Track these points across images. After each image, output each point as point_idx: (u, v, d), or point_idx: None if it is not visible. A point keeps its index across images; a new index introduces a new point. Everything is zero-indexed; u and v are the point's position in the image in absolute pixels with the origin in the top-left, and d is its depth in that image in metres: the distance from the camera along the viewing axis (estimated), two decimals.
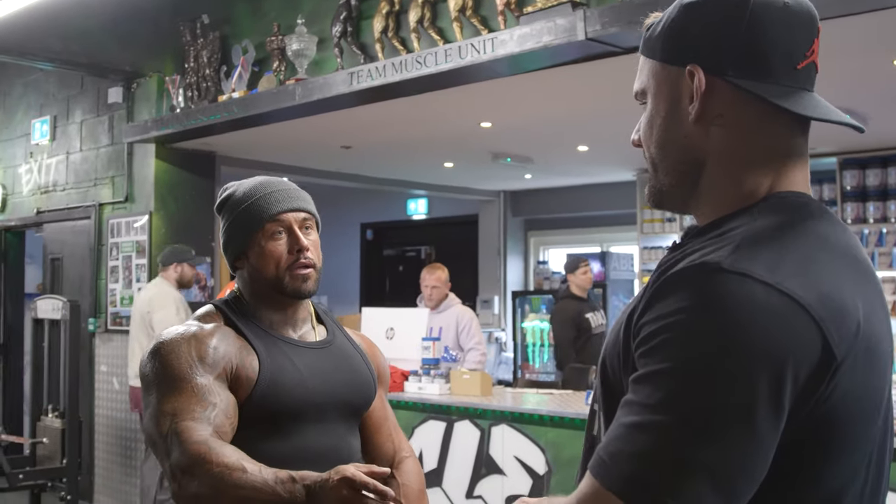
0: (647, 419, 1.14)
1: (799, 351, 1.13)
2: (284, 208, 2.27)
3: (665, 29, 1.34)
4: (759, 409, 1.11)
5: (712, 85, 1.29)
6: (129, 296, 7.92)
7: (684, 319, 1.14)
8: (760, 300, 1.13)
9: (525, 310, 10.15)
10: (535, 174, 10.00)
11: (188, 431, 2.00)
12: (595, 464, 1.18)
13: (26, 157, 9.37)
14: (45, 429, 8.06)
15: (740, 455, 1.11)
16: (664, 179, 1.38)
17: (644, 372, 1.17)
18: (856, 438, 1.22)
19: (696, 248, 1.25)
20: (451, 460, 5.49)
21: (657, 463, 1.12)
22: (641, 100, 1.41)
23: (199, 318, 2.27)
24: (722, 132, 1.31)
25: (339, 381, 2.29)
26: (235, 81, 6.81)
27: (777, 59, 1.29)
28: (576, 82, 5.54)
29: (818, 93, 1.35)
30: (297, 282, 2.25)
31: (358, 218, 13.43)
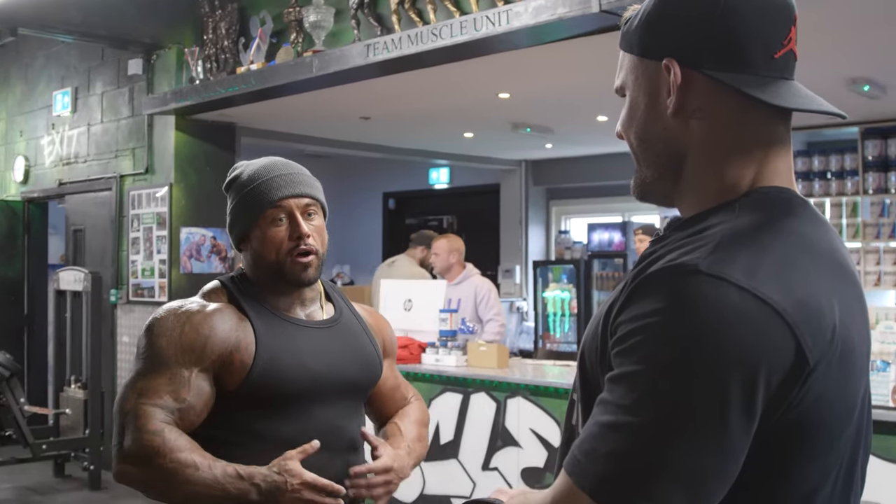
0: (620, 420, 1.15)
1: (772, 356, 1.13)
2: (286, 194, 2.25)
3: (642, 22, 1.33)
4: (732, 412, 1.12)
5: (689, 78, 1.29)
6: (150, 267, 7.97)
7: (659, 321, 1.15)
8: (735, 304, 1.13)
9: (547, 279, 10.17)
10: (556, 144, 9.96)
11: (146, 417, 2.06)
12: (570, 461, 1.19)
13: (48, 129, 9.42)
14: (68, 399, 8.17)
15: (712, 458, 1.12)
16: (646, 172, 1.38)
17: (619, 372, 1.18)
18: (829, 441, 1.23)
19: (677, 245, 1.25)
20: (468, 432, 5.51)
21: (629, 464, 1.13)
22: (622, 94, 1.40)
23: (204, 295, 2.29)
24: (701, 125, 1.30)
25: (343, 360, 2.29)
26: (253, 53, 6.81)
27: (753, 49, 1.27)
28: (592, 53, 5.49)
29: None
30: (296, 270, 2.24)
31: (380, 187, 13.44)
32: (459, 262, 7.14)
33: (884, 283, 7.91)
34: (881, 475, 3.95)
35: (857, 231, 8.04)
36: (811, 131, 8.31)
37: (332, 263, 12.44)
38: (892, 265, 7.88)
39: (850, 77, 6.18)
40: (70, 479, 8.08)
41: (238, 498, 2.06)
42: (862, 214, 8.05)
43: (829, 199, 8.23)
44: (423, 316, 6.28)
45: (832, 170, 8.24)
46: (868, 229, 8.00)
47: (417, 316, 6.36)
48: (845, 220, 8.13)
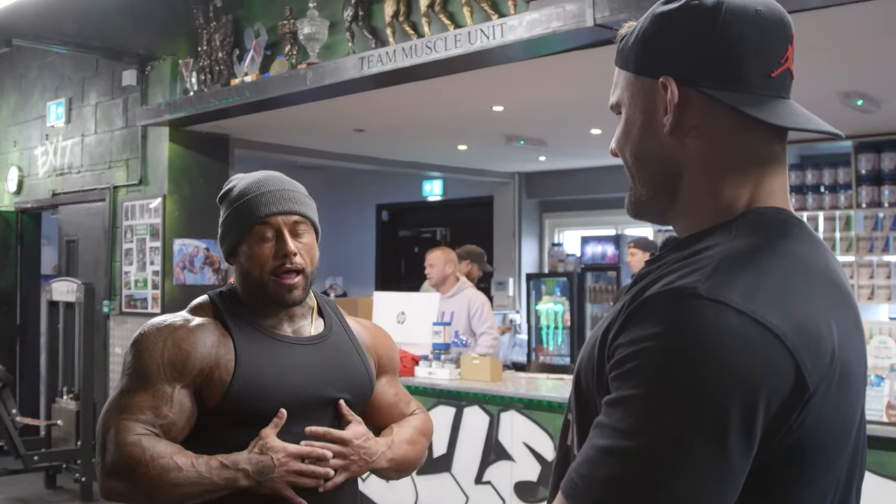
0: (617, 444, 1.13)
1: (772, 380, 1.12)
2: (274, 210, 2.22)
3: (638, 40, 1.32)
4: (731, 437, 1.10)
5: (686, 96, 1.28)
6: (144, 278, 7.96)
7: (658, 346, 1.14)
8: (735, 329, 1.12)
9: (540, 291, 10.17)
10: (550, 156, 9.97)
11: (125, 432, 2.08)
12: (567, 484, 1.17)
13: (42, 139, 9.42)
14: (60, 411, 8.14)
15: (711, 483, 1.11)
16: (641, 190, 1.37)
17: (618, 396, 1.16)
18: (827, 463, 1.22)
19: (674, 267, 1.24)
20: (461, 446, 5.51)
21: (627, 489, 1.11)
22: (617, 111, 1.39)
23: (191, 310, 2.29)
24: (697, 143, 1.29)
25: (328, 378, 2.26)
26: (248, 65, 6.82)
27: (750, 68, 1.26)
28: (586, 67, 5.51)
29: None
30: (281, 290, 2.22)
31: (373, 199, 13.44)
32: (454, 275, 7.14)
33: (877, 296, 7.92)
34: (875, 491, 3.94)
35: (851, 245, 8.06)
36: (805, 145, 8.33)
37: (325, 275, 12.43)
38: (885, 279, 7.90)
39: (844, 91, 6.20)
40: (62, 490, 8.05)
41: (228, 487, 2.08)
42: (855, 228, 8.07)
43: (822, 213, 8.25)
44: (417, 329, 6.28)
45: (825, 183, 8.26)
46: (861, 243, 8.02)
47: (411, 329, 6.36)
48: (839, 233, 8.15)
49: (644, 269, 1.33)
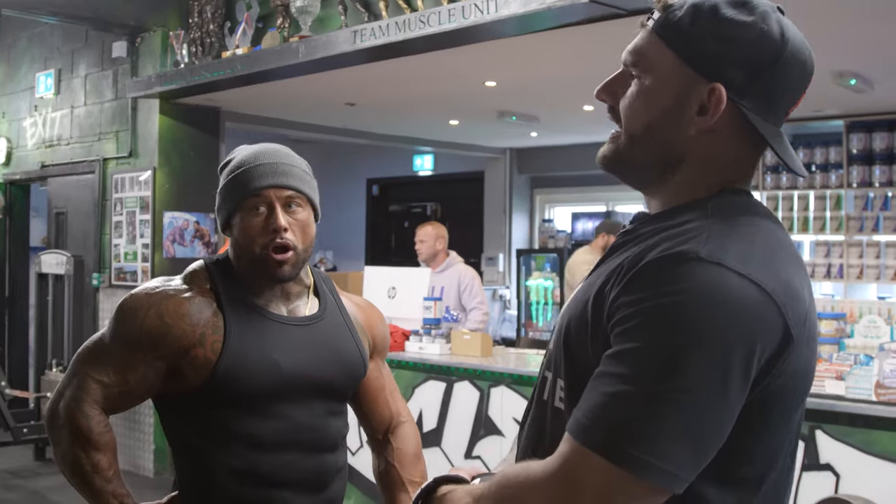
0: (631, 388, 1.26)
1: (765, 332, 1.29)
2: (266, 184, 2.17)
3: (700, 35, 1.40)
4: (732, 381, 1.26)
5: (725, 105, 1.40)
6: (133, 251, 7.94)
7: (667, 302, 1.27)
8: (734, 287, 1.28)
9: (530, 267, 10.18)
10: (541, 132, 9.95)
11: (86, 399, 2.14)
12: (577, 428, 1.29)
13: (31, 111, 9.36)
14: (50, 383, 8.15)
15: (713, 420, 1.27)
16: (638, 154, 1.47)
17: (626, 347, 1.29)
18: (791, 412, 1.41)
19: (662, 236, 1.37)
20: (451, 420, 5.52)
21: (643, 427, 1.25)
22: (632, 66, 1.47)
23: (185, 277, 2.25)
24: (710, 142, 1.43)
25: (320, 361, 2.23)
26: (239, 38, 6.78)
27: (781, 104, 1.44)
28: (580, 43, 5.49)
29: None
30: (271, 265, 2.18)
31: (364, 173, 13.41)
32: (444, 250, 7.13)
33: (866, 276, 7.95)
34: (864, 469, 3.97)
35: (841, 224, 8.08)
36: (796, 124, 8.33)
37: (316, 249, 12.33)
38: (874, 259, 7.92)
39: (837, 70, 6.19)
40: (51, 462, 8.05)
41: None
42: (846, 208, 8.09)
43: (812, 192, 8.26)
44: (407, 304, 6.28)
45: (817, 162, 8.27)
46: (851, 223, 8.04)
47: (401, 303, 6.36)
48: (829, 212, 8.17)
49: (620, 239, 1.49)
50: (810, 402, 4.47)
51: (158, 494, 2.32)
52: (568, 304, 1.50)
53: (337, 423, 2.30)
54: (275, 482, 2.17)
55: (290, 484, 2.18)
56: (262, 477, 2.15)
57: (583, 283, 1.50)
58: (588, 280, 1.47)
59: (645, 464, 1.23)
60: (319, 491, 2.24)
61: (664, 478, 1.24)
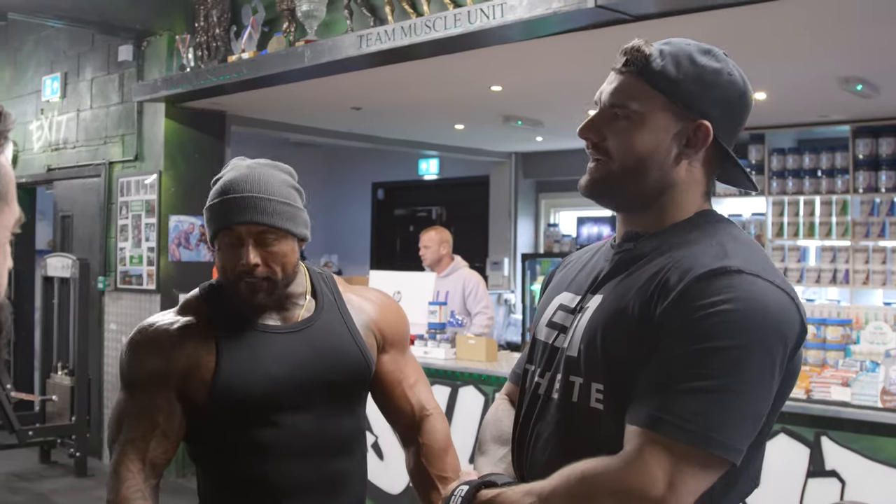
0: (702, 384, 1.47)
1: (792, 329, 1.56)
2: (237, 220, 2.14)
3: (684, 80, 1.65)
4: (776, 371, 1.53)
5: (710, 141, 1.67)
6: (139, 255, 7.94)
7: (726, 309, 1.49)
8: (770, 293, 1.53)
9: (535, 272, 10.17)
10: (547, 137, 9.94)
11: (123, 461, 2.14)
12: (653, 422, 1.48)
13: (37, 114, 9.37)
14: (55, 386, 8.15)
15: (764, 405, 1.53)
16: (630, 183, 1.68)
17: (692, 349, 1.49)
18: (784, 397, 1.63)
19: (675, 253, 1.61)
20: (456, 425, 5.51)
21: (720, 415, 1.46)
22: (619, 108, 1.67)
23: (179, 309, 2.29)
24: (693, 171, 1.70)
25: (314, 364, 2.22)
26: (245, 42, 6.79)
27: (737, 133, 1.74)
28: (586, 48, 5.49)
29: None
30: (244, 299, 2.19)
31: (369, 177, 13.40)
32: (448, 255, 7.13)
33: (872, 282, 7.92)
34: (869, 476, 3.96)
35: (847, 230, 8.05)
36: (802, 129, 8.32)
37: (321, 252, 12.42)
38: (880, 264, 7.89)
39: (843, 76, 6.18)
40: (56, 465, 8.07)
41: None
42: (852, 213, 8.06)
43: (818, 198, 8.24)
44: (412, 308, 6.26)
45: (822, 168, 8.24)
46: (857, 228, 8.01)
47: (406, 308, 6.30)
48: (835, 218, 8.14)
49: (622, 256, 1.71)
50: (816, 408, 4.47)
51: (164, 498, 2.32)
52: (593, 316, 1.66)
53: (346, 423, 2.29)
54: (284, 490, 2.18)
55: (301, 491, 2.19)
56: (272, 485, 2.17)
57: (597, 294, 1.70)
58: (613, 290, 1.66)
59: (723, 444, 1.46)
60: (332, 497, 2.24)
61: (735, 453, 1.48)
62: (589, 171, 1.74)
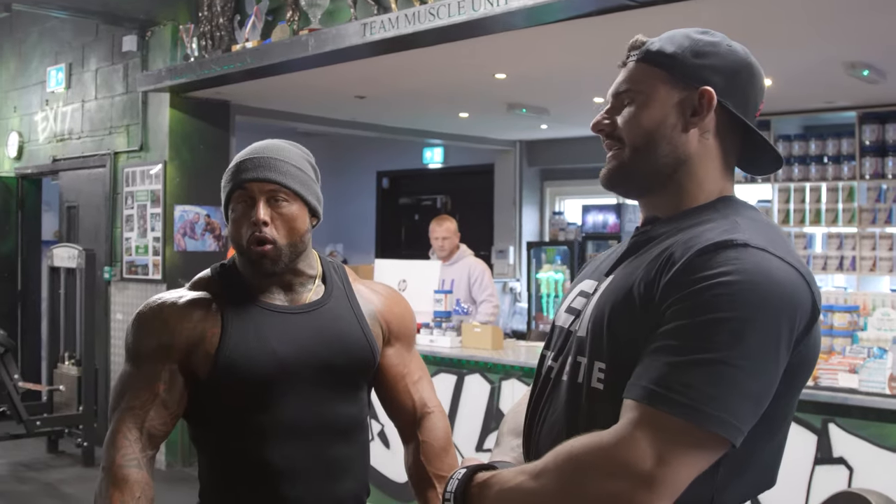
0: (700, 357, 1.41)
1: (802, 307, 1.49)
2: (249, 177, 2.19)
3: (682, 53, 1.66)
4: (781, 349, 1.46)
5: (714, 106, 1.64)
6: (144, 245, 7.95)
7: (725, 281, 1.44)
8: (778, 268, 1.48)
9: (540, 260, 10.17)
10: (551, 125, 9.93)
11: (121, 429, 2.14)
12: (647, 395, 1.43)
13: (42, 105, 9.38)
14: (62, 376, 8.17)
15: (767, 383, 1.45)
16: (641, 163, 1.67)
17: (690, 321, 1.44)
18: (802, 382, 1.59)
19: (686, 233, 1.56)
20: (462, 413, 5.52)
21: (717, 389, 1.40)
22: (625, 93, 1.69)
23: (190, 285, 2.31)
24: (704, 143, 1.66)
25: (319, 346, 2.23)
26: (249, 31, 6.78)
27: (751, 105, 1.70)
28: (591, 35, 5.48)
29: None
30: (253, 256, 2.20)
31: (374, 166, 13.39)
32: (456, 244, 7.14)
33: (879, 268, 7.90)
34: (877, 462, 3.96)
35: (853, 216, 8.03)
36: (808, 115, 8.29)
37: (326, 241, 12.43)
38: (887, 251, 7.87)
39: (850, 61, 6.16)
40: (63, 455, 8.09)
41: None
42: (858, 199, 8.04)
43: (825, 184, 8.21)
44: (418, 296, 6.27)
45: (829, 154, 8.22)
46: (864, 214, 7.99)
47: (412, 296, 6.32)
48: (841, 204, 8.12)
49: (638, 238, 1.69)
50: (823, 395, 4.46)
51: (170, 486, 2.33)
52: (601, 295, 1.64)
53: (348, 410, 2.29)
54: (283, 473, 2.18)
55: (300, 474, 2.19)
56: (271, 468, 2.18)
57: (610, 277, 1.67)
58: (622, 272, 1.63)
59: (718, 419, 1.39)
60: (332, 482, 2.24)
61: (732, 431, 1.40)
62: (606, 162, 1.71)
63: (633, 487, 1.39)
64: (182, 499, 3.73)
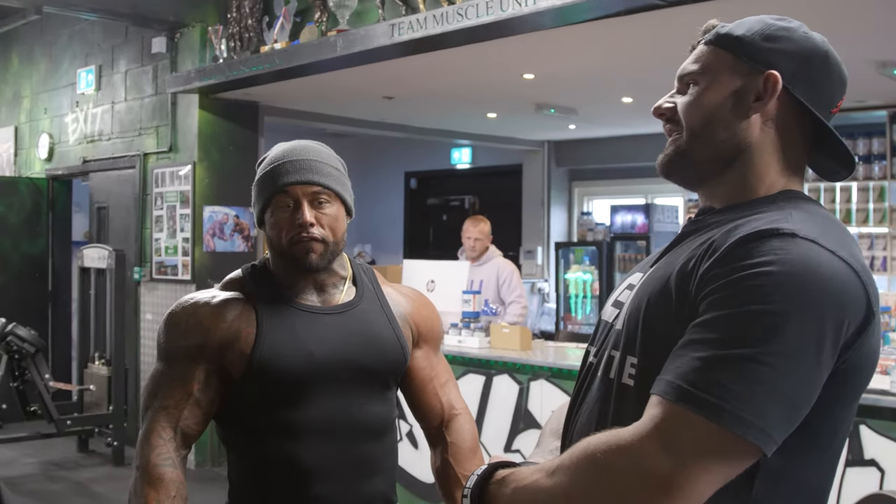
0: (730, 352, 1.30)
1: (853, 306, 1.36)
2: (292, 181, 2.21)
3: (752, 36, 1.56)
4: (824, 350, 1.32)
5: (779, 93, 1.53)
6: (174, 245, 7.99)
7: (766, 271, 1.33)
8: (828, 262, 1.35)
9: (568, 260, 10.14)
10: (580, 125, 9.91)
11: (155, 429, 2.16)
12: (672, 391, 1.32)
13: (72, 107, 9.45)
14: (92, 376, 8.23)
15: (806, 386, 1.32)
16: (699, 148, 1.58)
17: (724, 313, 1.34)
18: (859, 389, 1.46)
19: (734, 223, 1.44)
20: (490, 414, 5.51)
21: (744, 388, 1.28)
22: (691, 80, 1.60)
23: (222, 285, 2.32)
24: (767, 132, 1.55)
25: (352, 346, 2.24)
26: (277, 32, 6.80)
27: (825, 97, 1.56)
28: (619, 35, 5.46)
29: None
30: (300, 257, 2.22)
31: (402, 167, 13.40)
32: (486, 245, 7.13)
33: None
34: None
35: (884, 216, 7.97)
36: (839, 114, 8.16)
37: (354, 242, 12.44)
38: None
39: (881, 60, 6.11)
40: (94, 454, 8.15)
41: None
42: (889, 199, 7.97)
43: (856, 184, 8.15)
44: (446, 297, 6.26)
45: (859, 153, 8.15)
46: (895, 214, 7.92)
47: (440, 297, 6.34)
48: (872, 204, 8.05)
49: (688, 227, 1.59)
50: None
51: (199, 486, 2.34)
52: (640, 287, 1.56)
53: (379, 410, 2.30)
54: (313, 471, 2.18)
55: (329, 473, 2.20)
56: (301, 467, 2.18)
57: (653, 267, 1.58)
58: (664, 261, 1.55)
59: (744, 421, 1.27)
60: (361, 481, 2.25)
61: (760, 436, 1.28)
62: (664, 149, 1.63)
63: (648, 490, 1.29)
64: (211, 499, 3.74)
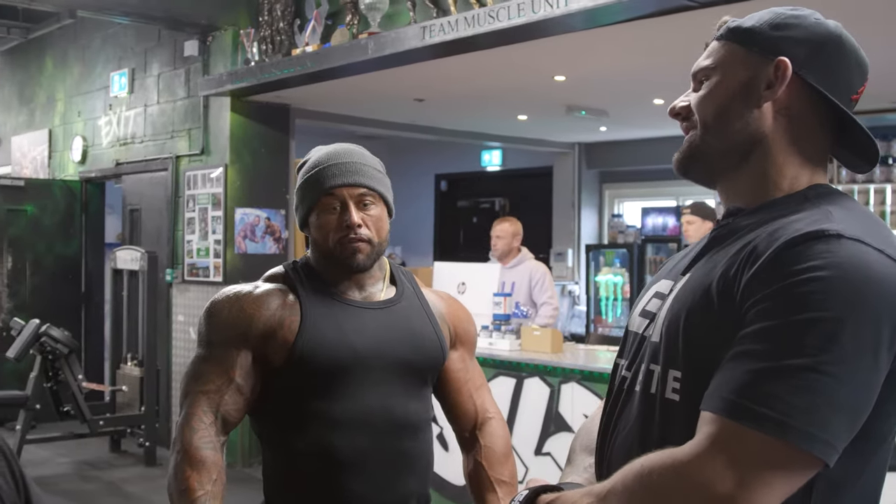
0: (785, 363, 1.26)
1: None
2: (339, 183, 2.25)
3: (761, 26, 1.53)
4: (882, 354, 1.28)
5: (791, 80, 1.48)
6: (206, 247, 8.03)
7: (820, 276, 1.28)
8: (876, 262, 1.31)
9: (599, 263, 10.11)
10: (611, 127, 9.88)
11: (195, 412, 2.17)
12: (727, 407, 1.28)
13: (106, 110, 9.52)
14: (125, 377, 8.29)
15: (866, 393, 1.28)
16: (713, 142, 1.54)
17: (775, 323, 1.29)
18: None
19: (774, 224, 1.40)
20: (521, 417, 5.50)
21: (804, 400, 1.24)
22: (704, 76, 1.57)
23: (264, 279, 2.35)
24: (782, 122, 1.50)
25: (394, 341, 2.27)
26: (309, 35, 6.82)
27: (842, 83, 1.50)
28: (651, 36, 5.44)
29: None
30: (346, 254, 2.25)
31: (432, 169, 13.41)
32: (517, 247, 7.12)
33: None
34: None
35: None
36: (873, 116, 8.14)
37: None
38: None
39: None
40: (126, 454, 8.20)
41: None
42: None
43: (890, 186, 8.07)
44: (477, 299, 6.26)
45: (894, 155, 8.08)
46: None
47: (471, 299, 6.33)
48: None
49: (719, 231, 1.53)
50: None
51: (231, 487, 2.34)
52: (677, 296, 1.50)
53: (415, 406, 2.31)
54: (350, 465, 2.19)
55: (366, 467, 2.21)
56: (337, 460, 2.19)
57: (686, 275, 1.53)
58: (700, 269, 1.49)
59: (808, 435, 1.23)
60: (397, 477, 2.25)
61: (824, 448, 1.24)
62: (680, 147, 1.59)
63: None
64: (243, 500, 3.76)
